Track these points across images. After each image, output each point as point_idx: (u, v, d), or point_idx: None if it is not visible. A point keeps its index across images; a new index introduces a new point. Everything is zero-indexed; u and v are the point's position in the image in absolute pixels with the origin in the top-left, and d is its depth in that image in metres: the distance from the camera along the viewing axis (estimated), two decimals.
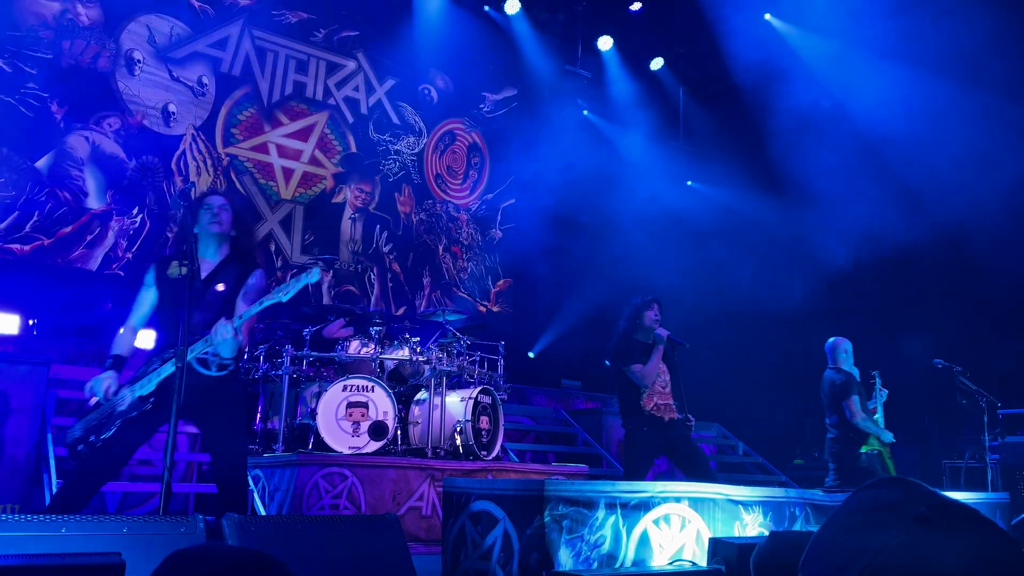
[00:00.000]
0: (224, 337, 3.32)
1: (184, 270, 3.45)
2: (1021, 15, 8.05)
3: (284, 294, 3.39)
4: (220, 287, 3.53)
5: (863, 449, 6.00)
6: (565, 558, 2.96)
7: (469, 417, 6.26)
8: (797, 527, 3.74)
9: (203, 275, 3.61)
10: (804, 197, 9.76)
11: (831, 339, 6.31)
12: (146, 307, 3.66)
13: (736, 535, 3.47)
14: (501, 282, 11.07)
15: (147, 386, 3.39)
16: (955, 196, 8.51)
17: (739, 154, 10.65)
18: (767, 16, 10.24)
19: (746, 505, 3.58)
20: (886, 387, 6.36)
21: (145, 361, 3.60)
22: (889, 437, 6.01)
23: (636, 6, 10.53)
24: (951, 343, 7.47)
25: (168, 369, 3.35)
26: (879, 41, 9.21)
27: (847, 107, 9.50)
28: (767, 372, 9.89)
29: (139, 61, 8.41)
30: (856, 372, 6.21)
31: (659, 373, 5.39)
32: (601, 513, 3.09)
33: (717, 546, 3.07)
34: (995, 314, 8.36)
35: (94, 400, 3.44)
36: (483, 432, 6.41)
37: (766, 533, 3.46)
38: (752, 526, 3.56)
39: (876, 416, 6.17)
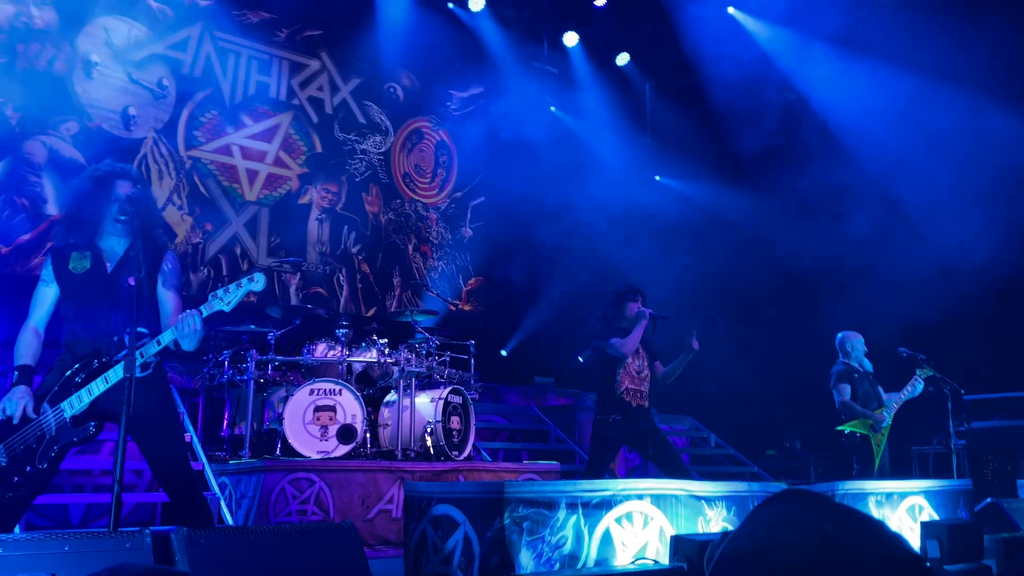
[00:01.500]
0: (194, 329, 3.17)
1: (88, 263, 3.29)
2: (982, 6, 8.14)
3: (226, 304, 3.24)
4: (132, 281, 3.23)
5: (839, 428, 6.26)
6: (526, 560, 2.94)
7: (439, 418, 6.23)
8: None
9: (110, 268, 3.35)
10: (771, 190, 9.83)
11: (839, 333, 6.59)
12: (48, 305, 3.36)
13: (700, 531, 3.47)
14: (472, 280, 11.03)
15: (77, 404, 3.15)
16: (919, 184, 8.62)
17: (705, 149, 10.70)
18: (730, 10, 10.28)
19: (709, 501, 3.58)
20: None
21: (51, 368, 3.31)
22: (882, 422, 6.13)
23: (601, 2, 10.53)
24: (916, 331, 7.54)
25: (100, 386, 3.16)
26: (841, 33, 9.27)
27: (811, 99, 9.57)
28: (739, 364, 9.94)
29: (97, 64, 8.26)
30: (867, 364, 6.47)
31: (637, 355, 5.30)
32: (562, 513, 3.08)
33: (679, 543, 3.07)
34: (959, 300, 8.46)
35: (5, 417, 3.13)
36: (454, 432, 6.38)
37: (730, 528, 3.46)
38: (716, 521, 3.57)
39: (884, 407, 6.25)
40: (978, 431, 8.11)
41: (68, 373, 3.23)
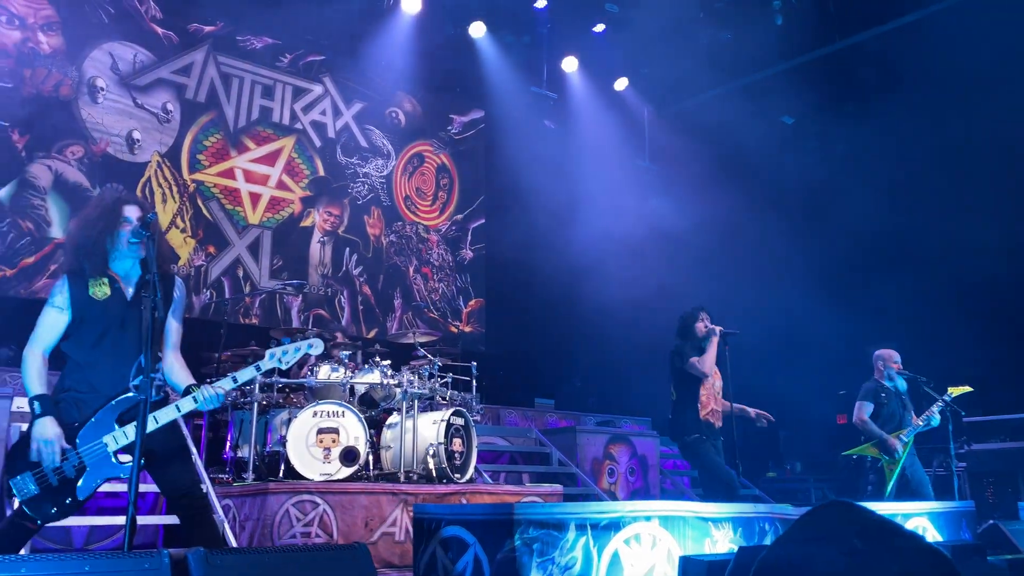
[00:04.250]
0: (217, 393, 3.25)
1: (109, 291, 3.22)
2: None
3: (284, 364, 3.38)
4: (152, 311, 3.11)
5: (846, 452, 6.38)
6: None
7: (442, 440, 6.24)
8: (767, 542, 3.77)
9: (130, 295, 3.30)
10: (775, 210, 9.90)
11: (876, 350, 6.67)
12: (59, 332, 3.22)
13: (707, 552, 3.49)
14: (473, 302, 11.07)
15: (123, 440, 3.13)
16: (932, 201, 8.70)
17: (705, 171, 10.79)
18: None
19: (716, 521, 3.60)
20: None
21: (60, 398, 3.18)
22: (894, 450, 6.15)
23: (600, 28, 10.66)
24: (916, 352, 7.59)
25: (149, 423, 3.09)
26: None
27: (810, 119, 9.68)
28: (739, 386, 9.96)
29: (102, 88, 8.35)
30: (901, 383, 6.52)
31: (714, 376, 5.46)
32: (572, 535, 3.10)
33: (687, 564, 3.08)
34: (960, 322, 8.52)
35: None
36: (456, 455, 6.38)
37: (735, 549, 3.48)
38: (722, 542, 3.59)
39: (902, 432, 6.28)
40: (978, 453, 8.13)
41: (106, 404, 3.17)
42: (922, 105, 9.00)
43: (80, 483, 3.09)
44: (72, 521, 5.64)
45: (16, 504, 3.09)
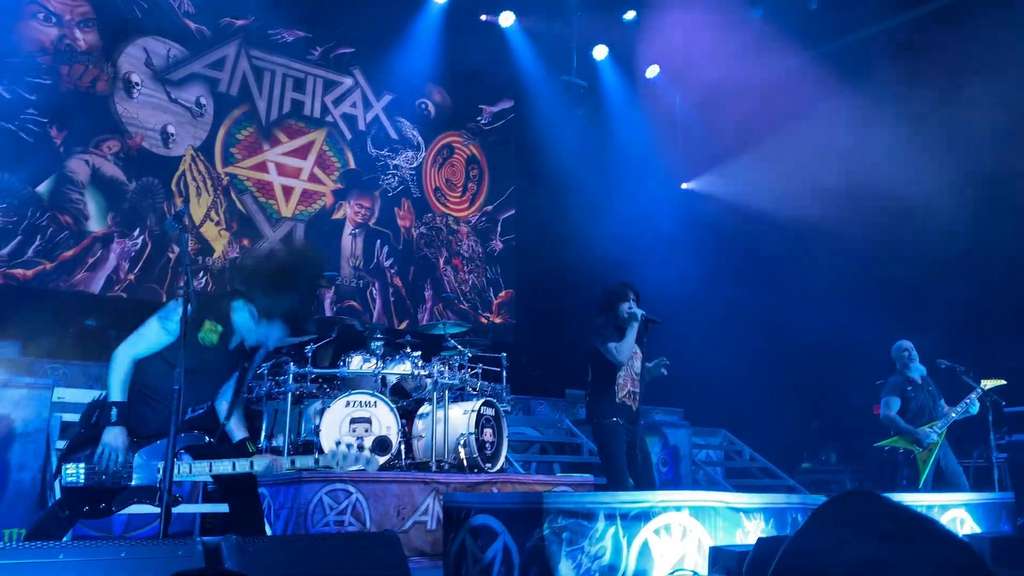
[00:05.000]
0: (273, 471, 3.25)
1: (218, 338, 3.15)
2: None
3: (339, 468, 3.25)
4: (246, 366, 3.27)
5: (877, 444, 6.28)
6: (566, 570, 2.96)
7: (473, 430, 6.26)
8: None
9: (232, 346, 3.26)
10: (811, 197, 9.74)
11: (895, 343, 6.54)
12: (153, 347, 3.15)
13: (738, 543, 3.46)
14: (503, 293, 11.08)
15: (186, 474, 3.17)
16: (964, 195, 8.51)
17: (737, 157, 10.67)
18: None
19: (747, 512, 3.57)
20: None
21: (150, 404, 3.19)
22: (930, 438, 6.05)
23: (630, 15, 10.57)
24: (955, 342, 7.44)
25: (224, 467, 3.16)
26: None
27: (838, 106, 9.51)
28: (773, 377, 9.86)
29: (137, 84, 8.47)
30: (920, 370, 6.38)
31: (634, 358, 5.08)
32: (601, 524, 3.09)
33: (718, 555, 3.07)
34: (999, 311, 8.34)
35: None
36: (487, 444, 6.40)
37: None
38: (754, 533, 3.56)
39: (935, 423, 6.17)
40: (1019, 444, 7.96)
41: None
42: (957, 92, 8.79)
43: (121, 495, 3.12)
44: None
45: (57, 491, 3.15)
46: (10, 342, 7.12)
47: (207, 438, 3.25)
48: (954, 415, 6.19)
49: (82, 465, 3.07)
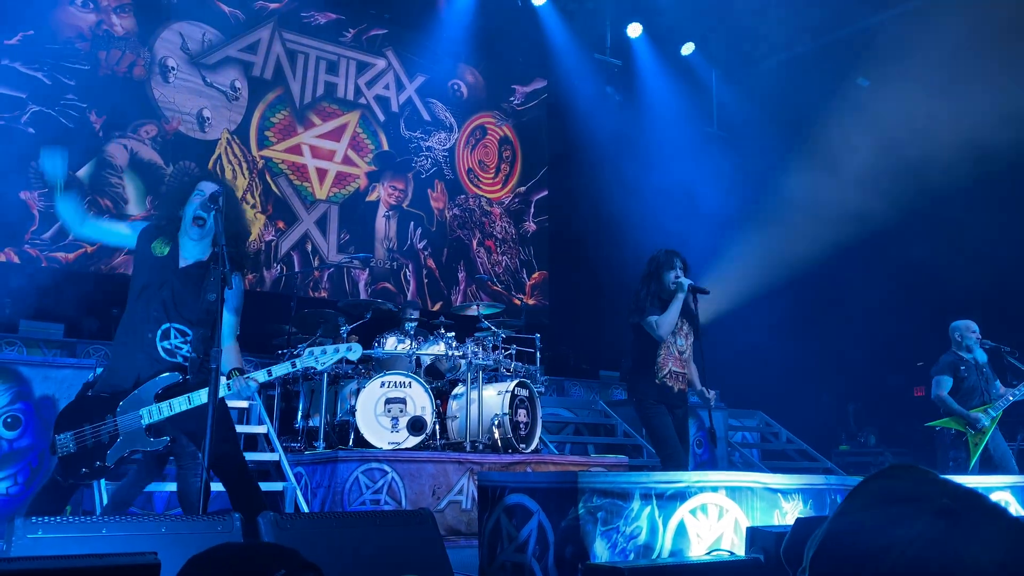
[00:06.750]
0: (248, 383, 3.35)
1: (167, 249, 3.40)
2: None
3: (320, 364, 3.45)
4: (211, 296, 3.23)
5: (929, 423, 6.18)
6: (601, 550, 2.95)
7: (507, 410, 6.27)
8: None
9: (182, 264, 3.43)
10: (845, 178, 9.56)
11: (953, 322, 6.37)
12: (108, 232, 3.71)
13: (776, 524, 3.42)
14: (536, 275, 11.05)
15: (156, 415, 3.25)
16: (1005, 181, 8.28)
17: (776, 137, 10.49)
18: None
19: (785, 493, 3.52)
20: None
21: (113, 365, 3.39)
22: (982, 422, 5.93)
23: None
24: (998, 323, 7.27)
25: (182, 404, 3.25)
26: None
27: (882, 85, 9.29)
28: (809, 359, 9.73)
29: (173, 68, 8.56)
30: (981, 355, 6.22)
31: (679, 334, 4.70)
32: (636, 504, 3.07)
33: (755, 535, 3.03)
34: None
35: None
36: (521, 425, 6.41)
37: None
38: (792, 514, 3.51)
39: (988, 406, 6.04)
40: None
41: (149, 379, 3.30)
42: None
43: (111, 449, 3.23)
44: (154, 487, 5.88)
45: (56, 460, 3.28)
46: (54, 324, 7.28)
47: (181, 376, 3.34)
48: (1012, 397, 6.04)
49: (69, 434, 3.22)
